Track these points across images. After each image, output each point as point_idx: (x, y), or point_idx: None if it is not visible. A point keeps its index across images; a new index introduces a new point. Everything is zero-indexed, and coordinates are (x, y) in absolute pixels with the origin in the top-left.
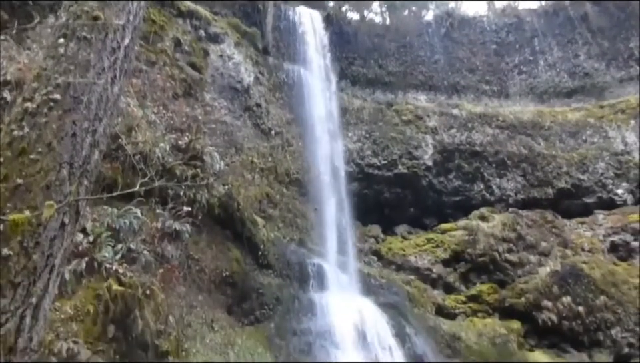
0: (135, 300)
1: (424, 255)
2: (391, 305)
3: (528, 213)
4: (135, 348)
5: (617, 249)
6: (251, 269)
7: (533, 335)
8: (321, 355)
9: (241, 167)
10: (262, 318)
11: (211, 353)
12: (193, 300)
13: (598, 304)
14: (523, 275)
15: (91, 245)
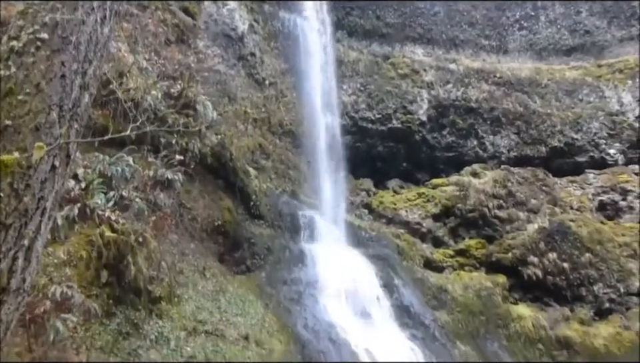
0: (127, 247)
1: (414, 209)
2: (380, 258)
3: (519, 171)
4: (128, 293)
5: (605, 208)
6: (242, 219)
7: (518, 289)
8: (310, 303)
9: (234, 117)
10: (253, 267)
11: (202, 300)
12: (185, 248)
13: (583, 261)
14: (511, 231)
15: (83, 192)
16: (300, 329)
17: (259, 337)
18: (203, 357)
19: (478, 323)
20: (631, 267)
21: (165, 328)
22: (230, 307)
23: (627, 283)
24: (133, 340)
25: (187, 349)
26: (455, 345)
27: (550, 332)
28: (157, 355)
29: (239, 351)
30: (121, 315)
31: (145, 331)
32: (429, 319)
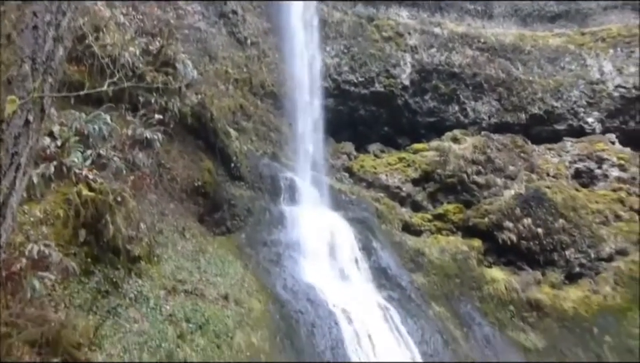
0: (105, 206)
1: (395, 174)
2: (359, 221)
3: (499, 137)
4: (106, 252)
5: (580, 175)
6: (223, 180)
7: (493, 253)
8: (290, 265)
9: (215, 77)
10: (233, 228)
11: (182, 260)
12: (165, 208)
13: (556, 227)
14: (488, 197)
15: (59, 150)
16: (279, 290)
17: (238, 296)
18: (183, 316)
19: (453, 285)
20: (603, 233)
21: (145, 287)
22: (209, 267)
23: (598, 249)
24: (112, 299)
25: (166, 307)
26: (429, 306)
27: (521, 295)
28: (137, 313)
29: (219, 310)
30: (99, 274)
31: (124, 290)
32: (406, 281)
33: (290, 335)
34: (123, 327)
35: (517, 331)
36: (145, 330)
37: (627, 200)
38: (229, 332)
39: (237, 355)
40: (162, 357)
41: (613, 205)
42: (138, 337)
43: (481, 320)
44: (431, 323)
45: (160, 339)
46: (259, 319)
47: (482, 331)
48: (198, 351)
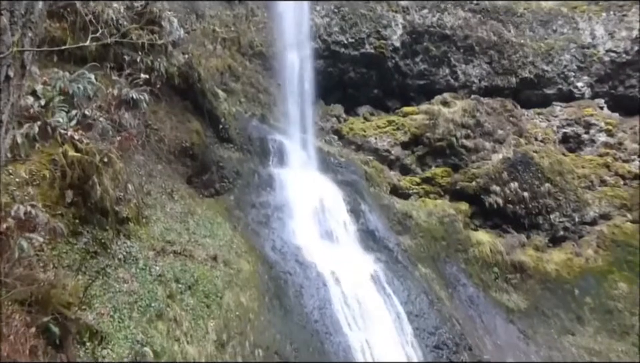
0: (92, 167)
1: (384, 137)
2: (348, 183)
3: (489, 101)
4: (94, 213)
5: (568, 140)
6: (211, 142)
7: (479, 216)
8: (278, 227)
9: (202, 36)
10: (222, 190)
11: (171, 221)
12: (152, 169)
13: (542, 191)
14: (476, 161)
15: (43, 110)
16: (267, 251)
17: (227, 257)
18: (172, 276)
19: (439, 247)
20: (587, 197)
21: (133, 248)
22: (198, 228)
23: (582, 213)
24: (101, 259)
25: (155, 268)
26: (416, 267)
27: (506, 257)
28: (126, 273)
29: (208, 270)
30: (87, 235)
31: (113, 251)
32: (393, 244)
33: (278, 296)
34: (113, 287)
35: (501, 292)
36: (134, 290)
37: (613, 165)
38: (218, 292)
39: (227, 315)
40: (152, 316)
41: (599, 170)
42: (128, 297)
43: (466, 281)
44: (417, 284)
45: (150, 298)
46: (248, 279)
47: (466, 291)
48: (188, 310)
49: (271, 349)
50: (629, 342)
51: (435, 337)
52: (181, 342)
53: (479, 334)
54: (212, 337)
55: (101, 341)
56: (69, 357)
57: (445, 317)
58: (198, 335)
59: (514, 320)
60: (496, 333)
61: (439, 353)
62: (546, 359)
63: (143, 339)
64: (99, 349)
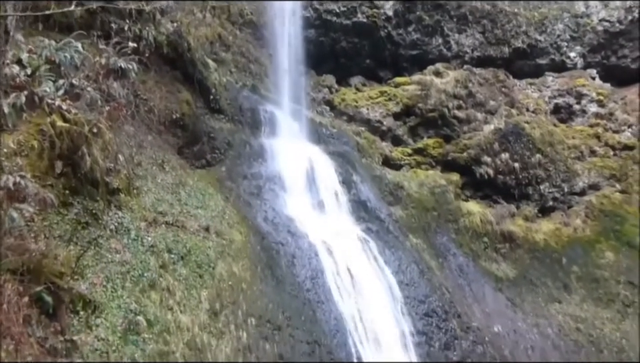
0: (81, 137)
1: (376, 107)
2: (339, 154)
3: (481, 72)
4: (84, 184)
5: (559, 111)
6: (202, 112)
7: (470, 187)
8: (270, 197)
9: (191, 4)
10: (213, 162)
11: (162, 192)
12: (143, 140)
13: (533, 161)
14: (468, 132)
15: (30, 79)
16: (260, 222)
17: (220, 228)
18: (164, 247)
19: (430, 218)
20: (577, 168)
21: (125, 219)
22: (190, 199)
23: (571, 184)
24: (93, 230)
25: (147, 239)
26: (407, 237)
27: (496, 227)
28: (118, 244)
29: (200, 241)
30: (78, 205)
31: (104, 222)
32: (385, 214)
33: (271, 266)
34: (105, 257)
35: (490, 262)
36: (127, 260)
37: (603, 136)
38: (210, 262)
39: (219, 284)
40: (145, 286)
41: (589, 140)
42: (120, 267)
43: (456, 251)
44: (408, 253)
45: (142, 269)
46: (240, 250)
47: (456, 261)
48: (180, 280)
49: (264, 318)
50: (614, 310)
51: (425, 305)
52: (174, 311)
53: (467, 302)
54: (205, 306)
55: (95, 311)
56: (63, 326)
57: (435, 286)
58: (191, 305)
59: (502, 289)
60: (484, 301)
61: (428, 321)
62: (533, 326)
63: (136, 309)
64: (93, 318)
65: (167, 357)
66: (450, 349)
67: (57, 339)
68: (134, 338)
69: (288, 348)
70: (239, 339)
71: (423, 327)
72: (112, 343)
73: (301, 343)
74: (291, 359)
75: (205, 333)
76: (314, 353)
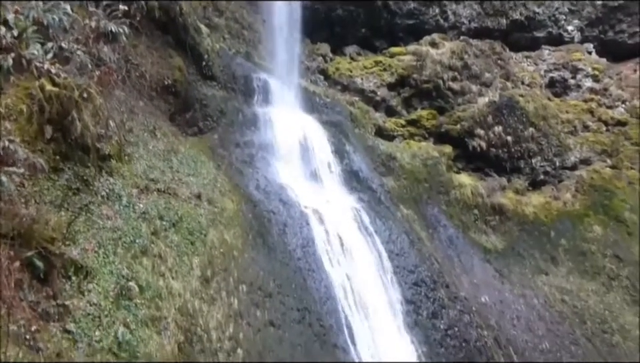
0: (71, 102)
1: (370, 77)
2: (333, 124)
3: (477, 43)
4: (75, 150)
5: (554, 85)
6: (194, 79)
7: (462, 159)
8: (262, 166)
9: None
10: (205, 129)
11: (154, 159)
12: (134, 106)
13: (525, 135)
14: (462, 104)
15: (16, 40)
16: (251, 190)
17: (211, 196)
18: (156, 213)
19: (422, 189)
20: (569, 142)
21: (117, 185)
22: (182, 167)
23: (563, 158)
24: (84, 196)
25: (139, 205)
26: (398, 208)
27: (486, 199)
28: (109, 210)
29: (192, 208)
30: (69, 171)
31: (95, 188)
32: (377, 185)
33: (262, 234)
34: (96, 223)
35: (479, 234)
36: (118, 227)
37: (597, 111)
38: (202, 230)
39: (211, 252)
40: (137, 252)
41: (583, 115)
42: (112, 234)
43: (446, 222)
44: (399, 224)
45: (134, 235)
46: (232, 218)
47: (446, 232)
48: (172, 247)
49: (255, 285)
50: (599, 282)
51: (414, 275)
52: (165, 277)
53: (456, 273)
54: (196, 273)
55: (86, 276)
56: (55, 290)
57: (425, 257)
58: (182, 271)
59: (490, 260)
60: (473, 272)
61: (417, 290)
62: (519, 297)
63: (128, 274)
64: (85, 283)
65: (159, 322)
66: (437, 318)
67: (49, 304)
68: (126, 303)
69: (278, 315)
70: (230, 306)
71: (411, 296)
72: (104, 308)
73: (291, 310)
74: (281, 325)
75: (196, 300)
76: (304, 320)
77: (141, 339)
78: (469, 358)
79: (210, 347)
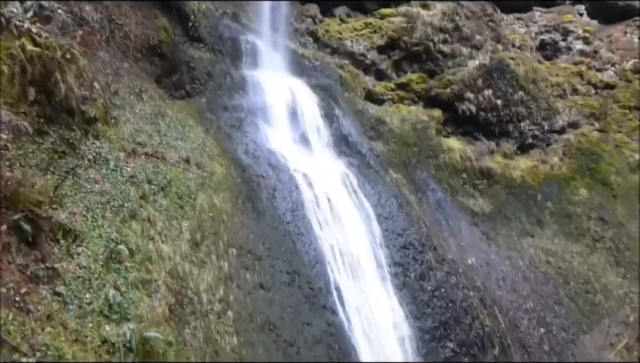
0: (54, 62)
1: (360, 40)
2: (322, 88)
3: (469, 4)
4: (59, 113)
5: (545, 47)
6: (180, 40)
7: (451, 123)
8: (251, 130)
9: None
10: (193, 92)
11: (141, 123)
12: (119, 68)
13: (515, 98)
14: (452, 67)
15: None
16: (240, 154)
17: (200, 160)
18: (144, 177)
19: (411, 153)
20: (558, 106)
21: (103, 149)
22: (170, 131)
23: (552, 121)
24: (70, 159)
25: (127, 169)
26: (387, 172)
27: (475, 163)
28: (97, 174)
29: (180, 172)
30: (54, 134)
31: (81, 151)
32: (366, 149)
33: (251, 198)
34: (84, 187)
35: (467, 197)
36: (106, 191)
37: (586, 74)
38: (191, 194)
39: (200, 216)
40: (126, 216)
41: (572, 78)
42: (100, 197)
43: (435, 186)
44: (388, 188)
45: (122, 199)
46: (221, 182)
47: (435, 196)
48: (161, 211)
49: (244, 249)
50: (584, 244)
51: (403, 238)
52: (155, 241)
53: (444, 236)
54: (186, 236)
55: (75, 239)
56: (43, 254)
57: (413, 220)
58: (172, 235)
59: (478, 223)
60: (460, 235)
61: (405, 253)
62: (505, 259)
63: (117, 238)
64: (74, 246)
65: (149, 285)
66: (425, 280)
67: (37, 267)
68: (116, 266)
69: (268, 277)
70: (220, 269)
71: (400, 258)
72: (94, 271)
73: (281, 272)
74: (271, 288)
75: (186, 263)
76: (293, 283)
77: (132, 301)
78: (454, 318)
79: (201, 309)
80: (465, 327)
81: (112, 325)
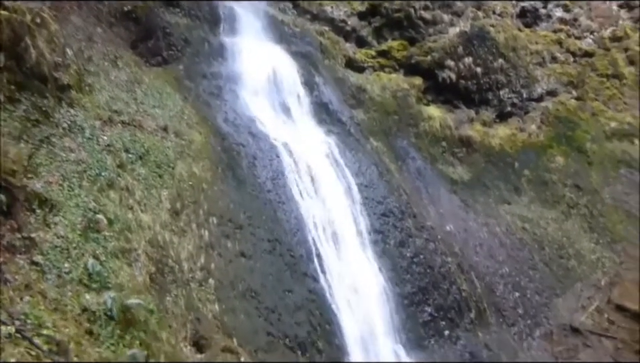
0: (23, 27)
1: (340, 6)
2: (302, 55)
3: None
4: (31, 79)
5: (525, 15)
6: (155, 5)
7: (432, 91)
8: (231, 98)
9: None
10: (170, 59)
11: (116, 90)
12: (92, 33)
13: (495, 66)
14: (433, 34)
15: None
16: (220, 123)
17: (178, 128)
18: (121, 146)
19: (391, 122)
20: (537, 74)
21: (78, 117)
22: (147, 98)
23: (530, 90)
24: (44, 128)
25: (103, 138)
26: (367, 141)
27: (454, 132)
28: (72, 143)
29: (158, 141)
30: (26, 102)
31: (56, 120)
32: (346, 117)
33: (232, 167)
34: (59, 156)
35: (447, 165)
36: (82, 159)
37: (565, 42)
38: (170, 163)
39: (179, 184)
40: (103, 185)
41: (551, 46)
42: (76, 166)
43: (415, 154)
44: (368, 156)
45: (99, 168)
46: (200, 151)
47: (415, 164)
48: (140, 180)
49: (225, 217)
50: (559, 211)
51: (383, 205)
52: (134, 210)
53: (423, 203)
54: (166, 205)
55: (52, 209)
56: (19, 223)
57: (393, 188)
58: (151, 204)
59: (457, 191)
60: (439, 202)
61: (385, 220)
62: (482, 225)
63: (95, 207)
64: (50, 216)
65: (129, 254)
66: (404, 247)
67: (14, 236)
68: (94, 236)
69: (249, 246)
70: (201, 237)
71: (380, 226)
72: (72, 240)
73: (262, 241)
74: (252, 256)
75: (166, 232)
76: (275, 251)
77: (112, 270)
78: (433, 283)
79: (182, 278)
80: (443, 292)
81: (92, 294)
